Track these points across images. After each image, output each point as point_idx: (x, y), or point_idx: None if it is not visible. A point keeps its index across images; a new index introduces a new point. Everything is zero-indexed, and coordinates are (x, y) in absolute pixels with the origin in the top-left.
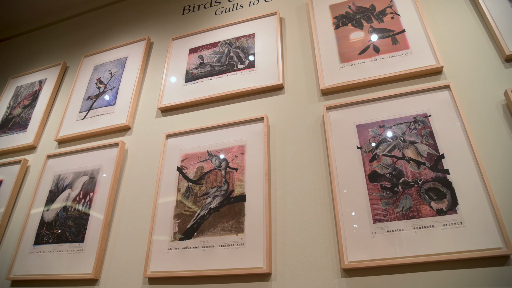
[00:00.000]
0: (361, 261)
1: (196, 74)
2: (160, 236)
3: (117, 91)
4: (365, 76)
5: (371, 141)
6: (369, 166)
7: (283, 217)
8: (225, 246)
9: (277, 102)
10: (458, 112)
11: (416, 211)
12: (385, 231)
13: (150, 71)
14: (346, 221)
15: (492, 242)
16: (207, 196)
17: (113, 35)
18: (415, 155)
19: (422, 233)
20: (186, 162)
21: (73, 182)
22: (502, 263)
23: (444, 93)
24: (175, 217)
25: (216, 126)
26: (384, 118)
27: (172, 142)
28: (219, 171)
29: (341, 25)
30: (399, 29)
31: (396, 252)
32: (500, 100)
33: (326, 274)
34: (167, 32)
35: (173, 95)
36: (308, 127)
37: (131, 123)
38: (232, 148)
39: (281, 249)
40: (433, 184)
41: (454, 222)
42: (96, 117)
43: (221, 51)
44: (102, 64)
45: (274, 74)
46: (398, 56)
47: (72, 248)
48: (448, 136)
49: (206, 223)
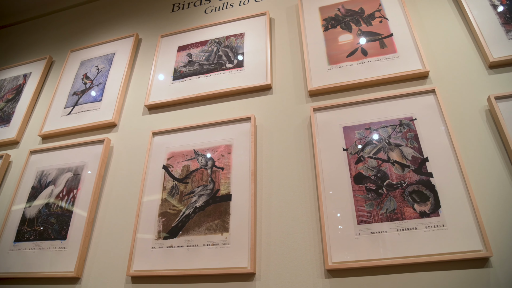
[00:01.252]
0: (345, 262)
1: (184, 72)
2: (144, 234)
3: (103, 87)
4: (353, 79)
5: (357, 143)
6: (355, 168)
7: (268, 217)
8: (210, 245)
9: (265, 102)
10: (442, 117)
11: (400, 213)
12: (369, 232)
13: (137, 68)
14: (330, 222)
15: (473, 244)
16: (193, 195)
17: (101, 31)
18: (400, 158)
19: (405, 235)
20: (172, 160)
21: (56, 178)
22: (482, 265)
23: (429, 98)
24: (160, 215)
25: (203, 124)
26: (371, 121)
27: (158, 140)
28: (205, 170)
29: (330, 27)
30: (387, 33)
31: (380, 253)
32: (484, 105)
33: (310, 275)
34: (156, 29)
35: (160, 93)
36: (295, 127)
37: (117, 120)
38: (219, 147)
39: (266, 249)
40: (416, 187)
41: (436, 225)
42: (81, 113)
43: (210, 49)
44: (89, 60)
45: (263, 74)
46: (385, 59)
47: (54, 245)
48: (433, 139)
49: (191, 222)
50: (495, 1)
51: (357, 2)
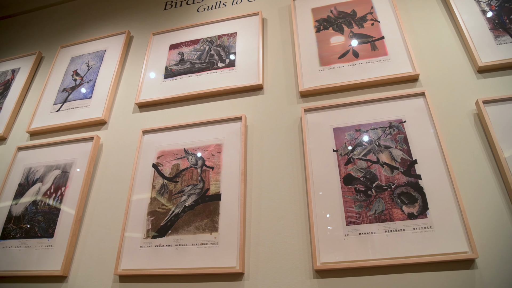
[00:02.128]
0: (333, 263)
1: (176, 70)
2: (132, 233)
3: (94, 84)
4: (344, 80)
5: (347, 145)
6: (344, 169)
7: (258, 217)
8: (199, 244)
9: (256, 102)
10: (431, 119)
11: (388, 215)
12: (358, 233)
13: (128, 66)
14: (320, 222)
15: (459, 246)
16: (182, 194)
17: (92, 27)
18: (389, 160)
19: (393, 236)
20: (162, 159)
21: (44, 175)
22: (468, 266)
23: (419, 100)
24: (149, 214)
25: (194, 123)
26: (361, 122)
27: (149, 138)
28: (195, 169)
29: (322, 29)
30: (378, 36)
31: (368, 254)
32: (472, 109)
33: (299, 275)
34: (148, 26)
35: (151, 91)
36: (286, 128)
37: (107, 117)
38: (209, 147)
39: (255, 249)
40: (405, 189)
41: (424, 226)
42: (71, 110)
43: (202, 48)
44: (80, 56)
45: (254, 74)
46: (376, 62)
47: (40, 243)
48: (422, 142)
49: (180, 221)
50: (484, 7)
51: (349, 4)
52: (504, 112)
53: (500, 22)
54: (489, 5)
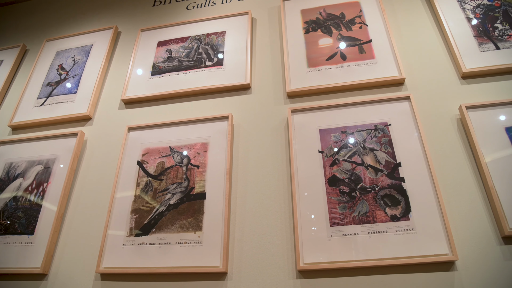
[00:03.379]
0: (316, 263)
1: (163, 68)
2: (115, 231)
3: (79, 79)
4: (331, 82)
5: (332, 146)
6: (329, 170)
7: (242, 216)
8: (182, 243)
9: (243, 101)
10: (416, 123)
11: (372, 216)
12: (341, 234)
13: (115, 61)
14: (303, 223)
15: (440, 248)
16: (167, 192)
17: (79, 21)
18: (374, 162)
19: (376, 237)
20: (147, 156)
21: (26, 171)
22: (448, 268)
23: (404, 104)
24: (133, 212)
25: (180, 121)
26: (347, 124)
27: (134, 135)
28: (180, 168)
29: (311, 30)
30: (366, 39)
31: (351, 255)
32: (455, 114)
33: (281, 275)
34: (136, 22)
35: (138, 88)
36: (272, 128)
37: (92, 113)
38: (195, 145)
39: (239, 248)
40: (389, 191)
41: (406, 228)
42: (55, 105)
43: (190, 46)
44: (65, 50)
45: (242, 74)
46: (363, 65)
47: (20, 240)
48: (406, 145)
49: (164, 219)
50: (469, 15)
51: (338, 7)
52: (486, 117)
53: (484, 29)
54: (474, 13)
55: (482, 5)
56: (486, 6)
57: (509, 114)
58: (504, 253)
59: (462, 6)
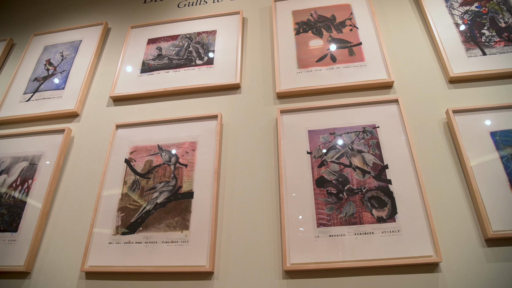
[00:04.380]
0: (303, 264)
1: (153, 65)
2: (101, 229)
3: (67, 75)
4: (321, 84)
5: (321, 147)
6: (317, 171)
7: (230, 216)
8: (169, 242)
9: (233, 101)
10: (403, 126)
11: (358, 218)
12: (328, 235)
13: (105, 58)
14: (291, 223)
15: (425, 250)
16: (154, 190)
17: (68, 16)
18: (361, 164)
19: (362, 239)
20: (135, 154)
21: (10, 167)
22: (432, 270)
23: (392, 107)
24: (119, 210)
25: (169, 120)
26: (335, 126)
27: (122, 133)
28: (168, 166)
29: (301, 31)
30: (356, 42)
31: (337, 256)
32: (442, 118)
33: (268, 275)
34: (126, 19)
35: (127, 85)
36: (261, 128)
37: (80, 109)
38: (184, 144)
39: (225, 248)
40: (375, 193)
41: (392, 230)
42: (42, 100)
43: (181, 44)
44: (54, 45)
45: (232, 73)
46: (353, 67)
47: (3, 237)
48: (393, 148)
49: (151, 218)
50: (458, 20)
51: (329, 9)
52: (472, 122)
53: (471, 35)
54: (462, 19)
55: (470, 11)
56: (474, 13)
57: (494, 119)
58: (487, 255)
59: (451, 12)
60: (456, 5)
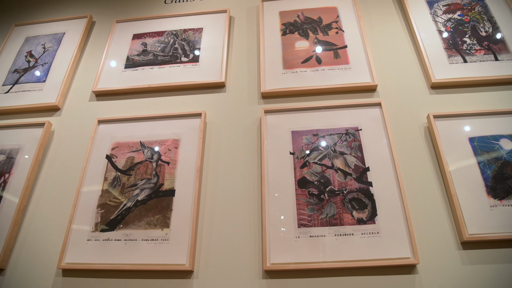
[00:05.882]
0: (283, 264)
1: (138, 61)
2: (80, 225)
3: (49, 67)
4: (306, 85)
5: (304, 148)
6: (300, 172)
7: (211, 215)
8: (149, 240)
9: (217, 99)
10: (386, 130)
11: (339, 219)
12: (309, 236)
13: (88, 52)
14: (272, 223)
15: (403, 252)
16: (135, 187)
17: (52, 7)
18: (343, 166)
19: (342, 240)
20: (116, 150)
21: None
22: (409, 271)
23: (375, 110)
24: (99, 207)
25: (152, 117)
26: (319, 127)
27: (104, 129)
28: (150, 163)
29: (288, 32)
30: (341, 44)
31: (317, 256)
32: (423, 122)
33: (248, 275)
34: (112, 13)
35: (110, 80)
36: (245, 128)
37: (61, 103)
38: (166, 141)
39: (206, 247)
40: (356, 195)
41: (372, 232)
42: (22, 93)
43: (166, 41)
44: (36, 37)
45: (217, 72)
46: (338, 69)
47: None
48: (375, 151)
49: (131, 215)
50: (441, 27)
51: (316, 11)
52: (452, 127)
53: (453, 43)
54: (445, 26)
55: (453, 19)
56: (456, 21)
57: (473, 125)
58: (462, 257)
59: (435, 19)
60: (440, 13)
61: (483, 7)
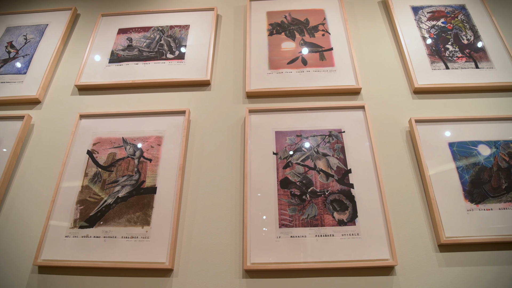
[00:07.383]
0: (263, 263)
1: (122, 56)
2: (58, 221)
3: (30, 59)
4: (291, 86)
5: (287, 149)
6: (282, 172)
7: (192, 213)
8: (129, 238)
9: (202, 98)
10: (368, 132)
11: (320, 220)
12: (289, 236)
13: (72, 45)
14: (253, 223)
15: (382, 253)
16: (116, 184)
17: None
18: (326, 167)
19: (323, 241)
20: (98, 146)
21: None
22: (388, 273)
23: (359, 113)
24: (78, 203)
25: (136, 113)
26: (302, 128)
27: (86, 123)
28: (132, 160)
29: (275, 33)
30: (327, 47)
31: (298, 257)
32: (405, 126)
33: (228, 274)
34: (97, 6)
35: (94, 74)
36: (229, 127)
37: (42, 96)
38: (149, 138)
39: (186, 245)
40: (338, 196)
41: (352, 233)
42: (1, 84)
43: (152, 37)
44: (17, 27)
45: (203, 70)
46: (323, 71)
47: None
48: (357, 153)
49: (112, 212)
50: (425, 34)
51: (303, 13)
52: (433, 132)
53: (436, 49)
54: (429, 33)
55: (436, 26)
56: (440, 28)
57: (453, 130)
58: (439, 260)
59: (419, 25)
60: (424, 19)
61: (465, 16)
